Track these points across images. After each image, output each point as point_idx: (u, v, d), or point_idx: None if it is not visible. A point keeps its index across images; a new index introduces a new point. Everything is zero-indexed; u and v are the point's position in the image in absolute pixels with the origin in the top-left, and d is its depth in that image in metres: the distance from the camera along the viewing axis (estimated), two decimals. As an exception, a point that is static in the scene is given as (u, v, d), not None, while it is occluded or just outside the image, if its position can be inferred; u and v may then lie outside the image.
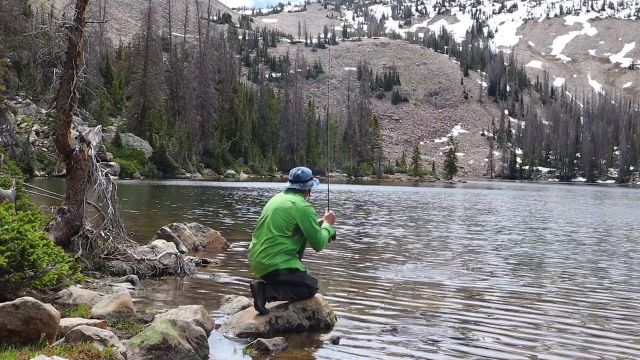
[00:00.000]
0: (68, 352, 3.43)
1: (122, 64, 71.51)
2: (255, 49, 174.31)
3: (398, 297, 6.23)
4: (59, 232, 6.65)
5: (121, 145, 47.50)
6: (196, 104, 64.58)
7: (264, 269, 4.89)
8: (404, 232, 12.90)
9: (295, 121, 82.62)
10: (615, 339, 4.80)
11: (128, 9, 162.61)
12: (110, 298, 4.79)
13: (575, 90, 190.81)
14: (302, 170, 5.21)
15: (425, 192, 38.74)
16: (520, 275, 7.90)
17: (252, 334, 4.56)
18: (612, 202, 34.15)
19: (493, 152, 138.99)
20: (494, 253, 9.97)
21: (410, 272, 7.74)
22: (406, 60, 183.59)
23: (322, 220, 5.22)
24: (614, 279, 7.79)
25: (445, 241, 11.55)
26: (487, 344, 4.65)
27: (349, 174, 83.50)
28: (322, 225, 5.13)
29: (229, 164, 65.67)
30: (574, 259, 9.61)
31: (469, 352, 4.42)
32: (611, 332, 5.06)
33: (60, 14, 66.14)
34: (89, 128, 7.69)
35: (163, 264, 7.03)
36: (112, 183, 7.23)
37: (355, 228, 13.40)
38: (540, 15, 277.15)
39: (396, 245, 10.67)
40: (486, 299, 6.29)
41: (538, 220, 17.91)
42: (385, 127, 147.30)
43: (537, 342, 4.74)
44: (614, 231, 14.87)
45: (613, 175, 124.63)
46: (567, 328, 5.17)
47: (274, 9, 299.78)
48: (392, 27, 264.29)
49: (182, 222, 9.64)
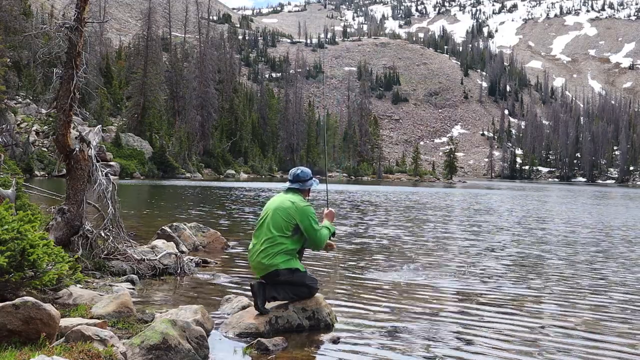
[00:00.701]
0: (68, 352, 3.43)
1: (122, 64, 71.50)
2: (255, 49, 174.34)
3: (398, 298, 6.24)
4: (59, 232, 6.65)
5: (121, 145, 47.50)
6: (196, 104, 64.58)
7: (264, 269, 4.89)
8: (404, 233, 12.90)
9: (295, 121, 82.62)
10: (616, 343, 4.76)
11: (128, 9, 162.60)
12: (110, 298, 4.79)
13: (575, 90, 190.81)
14: (301, 170, 5.24)
15: (426, 192, 38.74)
16: (520, 277, 7.90)
17: (252, 334, 4.56)
18: (613, 202, 34.14)
19: (493, 152, 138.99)
20: (493, 254, 9.97)
21: (409, 273, 7.74)
22: (406, 60, 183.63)
23: (323, 217, 5.23)
24: (614, 281, 7.78)
25: (444, 242, 11.55)
26: (487, 344, 4.65)
27: (348, 174, 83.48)
28: (322, 223, 5.13)
29: (229, 164, 65.66)
30: (573, 260, 9.61)
31: (468, 353, 4.42)
32: (611, 335, 5.04)
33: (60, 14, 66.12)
34: (89, 128, 7.69)
35: (163, 264, 7.03)
36: (112, 183, 7.23)
37: (354, 229, 13.40)
38: (540, 15, 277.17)
39: (396, 245, 10.67)
40: (485, 301, 6.29)
41: (537, 221, 17.91)
42: (385, 127, 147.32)
43: (536, 344, 4.74)
44: (613, 232, 14.86)
45: (613, 175, 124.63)
46: (567, 331, 5.17)
47: (274, 9, 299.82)
48: (392, 27, 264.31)
49: (182, 222, 9.64)
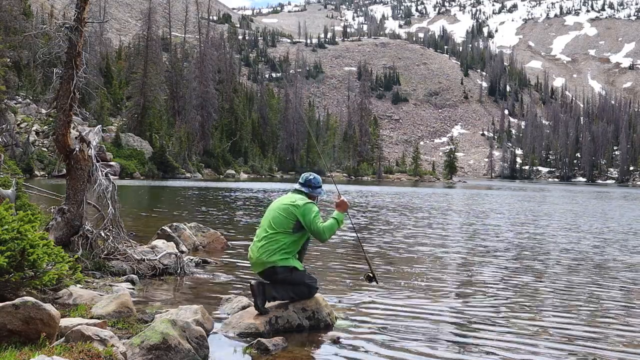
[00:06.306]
0: (68, 352, 3.43)
1: (122, 64, 71.46)
2: (255, 49, 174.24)
3: (398, 298, 6.24)
4: (59, 232, 6.65)
5: (121, 145, 47.48)
6: (196, 104, 64.53)
7: (262, 265, 4.94)
8: (404, 233, 12.90)
9: (295, 121, 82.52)
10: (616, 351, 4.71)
11: (128, 9, 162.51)
12: (110, 298, 4.79)
13: (575, 90, 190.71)
14: (314, 176, 5.27)
15: (425, 193, 38.73)
16: (521, 278, 7.90)
17: (252, 334, 4.57)
18: (616, 204, 34.11)
19: (493, 152, 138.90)
20: (494, 256, 9.98)
21: (409, 273, 7.74)
22: (406, 60, 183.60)
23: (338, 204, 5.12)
24: (616, 286, 7.74)
25: (444, 243, 11.56)
26: (487, 344, 4.65)
27: (349, 174, 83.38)
28: (333, 213, 5.10)
29: (229, 164, 65.60)
30: (574, 261, 9.61)
31: (468, 353, 4.42)
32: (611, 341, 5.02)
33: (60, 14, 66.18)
34: (89, 128, 7.69)
35: (163, 264, 7.03)
36: (112, 183, 7.23)
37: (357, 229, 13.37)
38: (540, 15, 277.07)
39: (396, 245, 10.66)
40: (486, 301, 6.30)
41: (537, 222, 17.90)
42: (385, 127, 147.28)
43: (537, 344, 4.74)
44: (615, 236, 14.86)
45: (613, 175, 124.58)
46: (567, 332, 5.17)
47: (274, 9, 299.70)
48: (392, 27, 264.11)
49: (182, 222, 9.64)
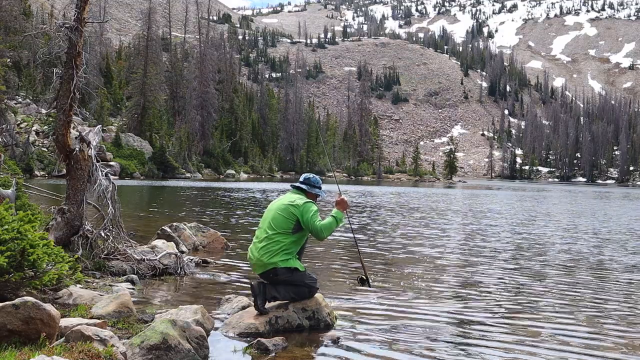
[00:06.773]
0: (68, 352, 3.43)
1: (122, 64, 71.47)
2: (255, 49, 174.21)
3: (397, 298, 6.24)
4: (59, 232, 6.65)
5: (121, 145, 47.48)
6: (196, 104, 64.54)
7: (263, 267, 4.93)
8: (403, 233, 12.90)
9: (295, 121, 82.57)
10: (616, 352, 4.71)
11: (128, 9, 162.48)
12: (110, 298, 4.79)
13: (575, 90, 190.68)
14: (313, 176, 5.37)
15: (425, 193, 38.73)
16: (521, 278, 7.90)
17: (252, 334, 4.57)
18: (616, 204, 34.11)
19: (493, 152, 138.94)
20: (494, 256, 9.97)
21: (409, 273, 7.74)
22: (406, 60, 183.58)
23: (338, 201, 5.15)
24: (615, 287, 7.74)
25: (444, 243, 11.56)
26: (487, 344, 4.65)
27: (348, 174, 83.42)
28: (332, 211, 5.11)
29: (229, 164, 65.61)
30: (574, 262, 9.62)
31: (468, 353, 4.42)
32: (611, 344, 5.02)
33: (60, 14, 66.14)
34: (89, 128, 7.68)
35: (163, 264, 7.03)
36: (112, 183, 7.23)
37: (355, 228, 13.38)
38: (540, 15, 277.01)
39: (396, 246, 10.66)
40: (486, 301, 6.29)
41: (537, 222, 17.91)
42: (385, 127, 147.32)
43: (536, 344, 4.74)
44: (615, 237, 14.86)
45: (613, 175, 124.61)
46: (567, 332, 5.17)
47: (274, 9, 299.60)
48: (392, 27, 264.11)
49: (182, 222, 9.64)
